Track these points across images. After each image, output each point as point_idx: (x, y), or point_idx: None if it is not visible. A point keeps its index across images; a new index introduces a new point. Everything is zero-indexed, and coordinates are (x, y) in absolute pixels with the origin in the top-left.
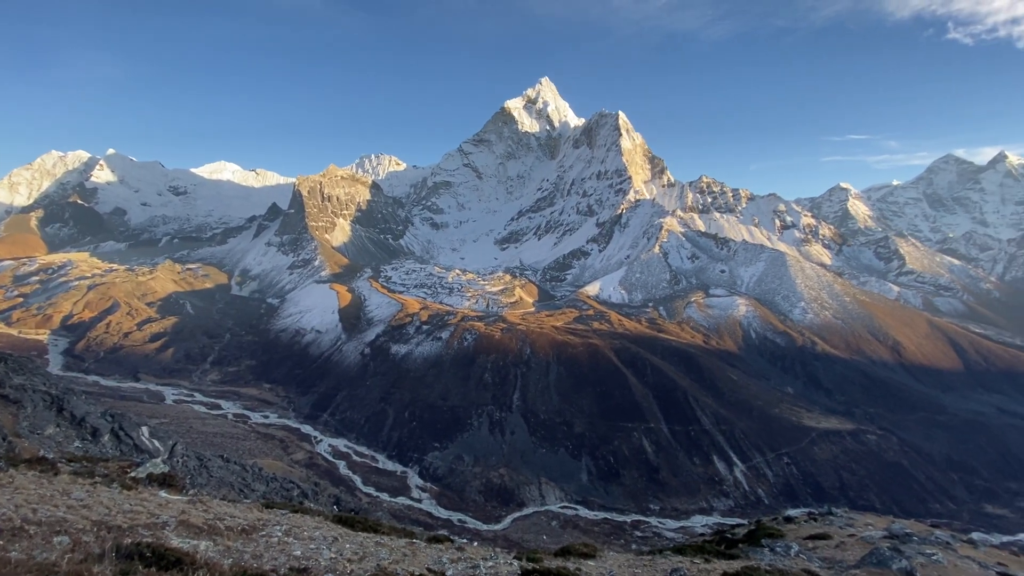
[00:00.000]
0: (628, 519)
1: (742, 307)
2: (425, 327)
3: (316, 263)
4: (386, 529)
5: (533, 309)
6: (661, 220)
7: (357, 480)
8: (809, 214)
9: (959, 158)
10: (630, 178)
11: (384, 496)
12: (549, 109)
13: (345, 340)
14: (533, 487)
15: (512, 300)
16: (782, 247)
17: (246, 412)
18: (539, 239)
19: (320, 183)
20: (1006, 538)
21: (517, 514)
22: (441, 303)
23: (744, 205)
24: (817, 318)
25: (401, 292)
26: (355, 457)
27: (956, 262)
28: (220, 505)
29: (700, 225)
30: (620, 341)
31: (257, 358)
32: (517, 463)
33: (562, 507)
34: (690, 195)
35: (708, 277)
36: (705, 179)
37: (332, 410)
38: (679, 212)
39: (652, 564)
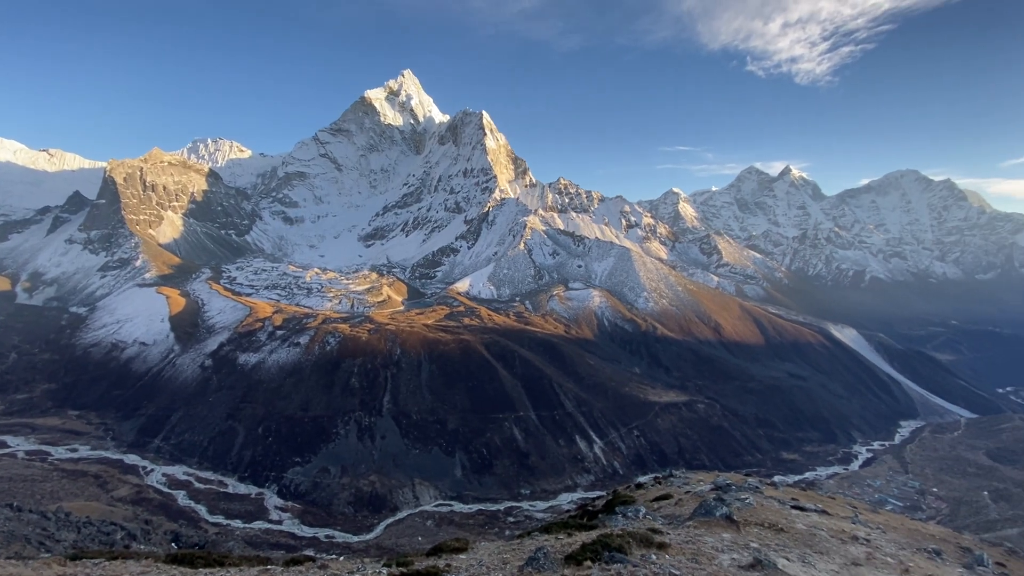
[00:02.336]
0: (501, 507)
1: (597, 298)
2: (280, 332)
3: (138, 263)
4: (235, 560)
5: (403, 308)
6: (525, 219)
7: (202, 510)
8: (649, 215)
9: (758, 170)
10: (496, 177)
11: (236, 523)
12: (413, 103)
13: (179, 352)
14: (407, 490)
15: (380, 299)
16: (628, 244)
17: (45, 448)
18: (407, 235)
19: (141, 169)
20: (797, 477)
21: (390, 520)
22: (299, 305)
23: (596, 206)
24: (657, 306)
25: (249, 294)
26: (198, 484)
27: (758, 256)
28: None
29: (559, 224)
30: (490, 335)
31: (58, 380)
32: (389, 468)
33: (437, 505)
34: (550, 195)
35: (567, 272)
36: (563, 181)
37: (165, 434)
38: (541, 211)
39: (520, 547)
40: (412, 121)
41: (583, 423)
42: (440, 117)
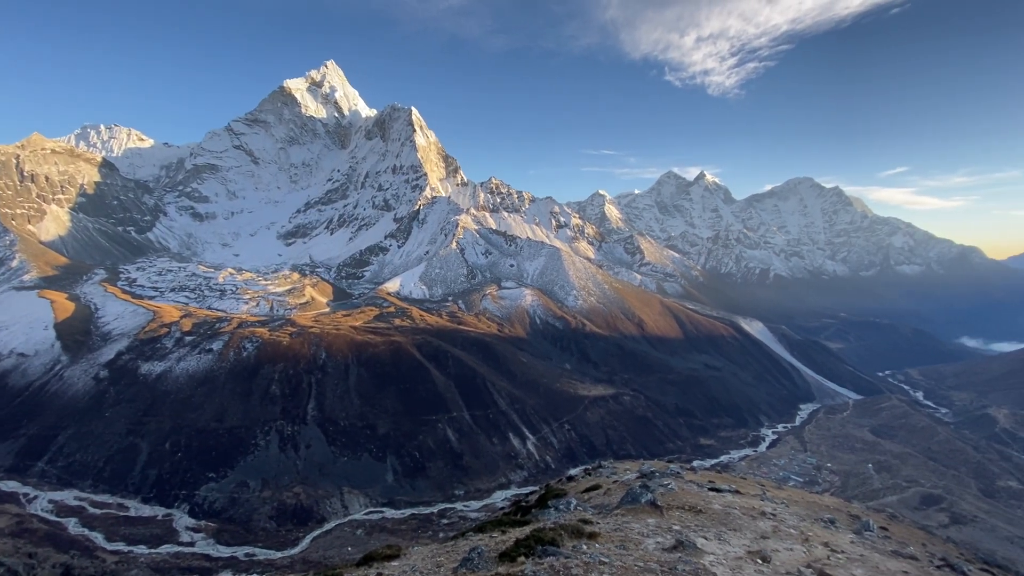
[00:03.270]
0: (435, 510)
1: (528, 297)
2: (189, 338)
3: (14, 264)
4: None
5: (328, 310)
6: (457, 218)
7: (98, 537)
8: (577, 215)
9: (676, 174)
10: (426, 175)
11: (140, 549)
12: (337, 95)
13: (67, 363)
14: (335, 499)
15: (302, 301)
16: (558, 244)
17: None
18: (332, 234)
19: (17, 157)
20: (713, 461)
21: (317, 532)
22: (211, 309)
23: (527, 206)
24: (586, 304)
25: (153, 298)
26: (92, 510)
27: (677, 255)
28: None
29: (491, 223)
30: (422, 336)
31: None
32: (315, 478)
33: (367, 513)
34: (482, 195)
35: (500, 271)
36: (494, 180)
37: (52, 456)
38: (473, 210)
39: (454, 548)
40: (336, 114)
41: (516, 420)
42: (367, 111)
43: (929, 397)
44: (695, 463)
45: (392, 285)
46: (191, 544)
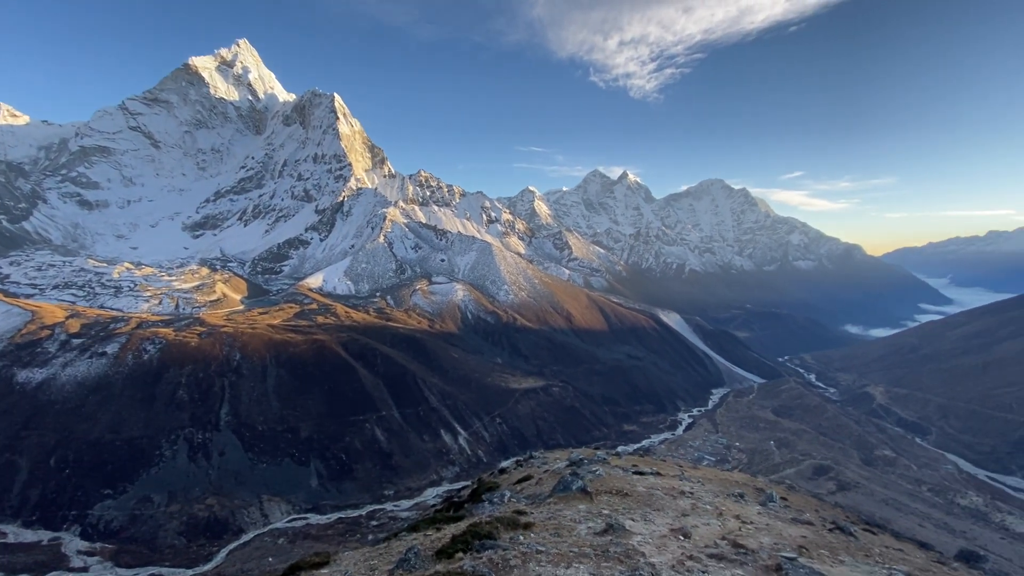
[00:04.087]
0: (363, 512)
1: (460, 292)
2: (77, 341)
3: None
4: None
5: (242, 307)
6: (384, 210)
7: None
8: (508, 211)
9: (602, 173)
10: (350, 165)
11: None
12: (251, 76)
13: None
14: (253, 508)
15: (212, 298)
16: (489, 239)
17: None
18: (245, 225)
19: None
20: (636, 446)
21: (234, 544)
22: (104, 308)
23: (458, 200)
24: (516, 298)
25: (31, 296)
26: None
27: (602, 251)
28: None
29: (421, 217)
30: (348, 334)
31: None
32: (231, 487)
33: (290, 521)
34: (410, 187)
35: (430, 266)
36: (423, 173)
37: None
38: (402, 203)
39: (388, 550)
40: (250, 97)
41: (448, 416)
42: (285, 96)
43: (820, 379)
44: (620, 449)
45: (314, 280)
46: (84, 569)
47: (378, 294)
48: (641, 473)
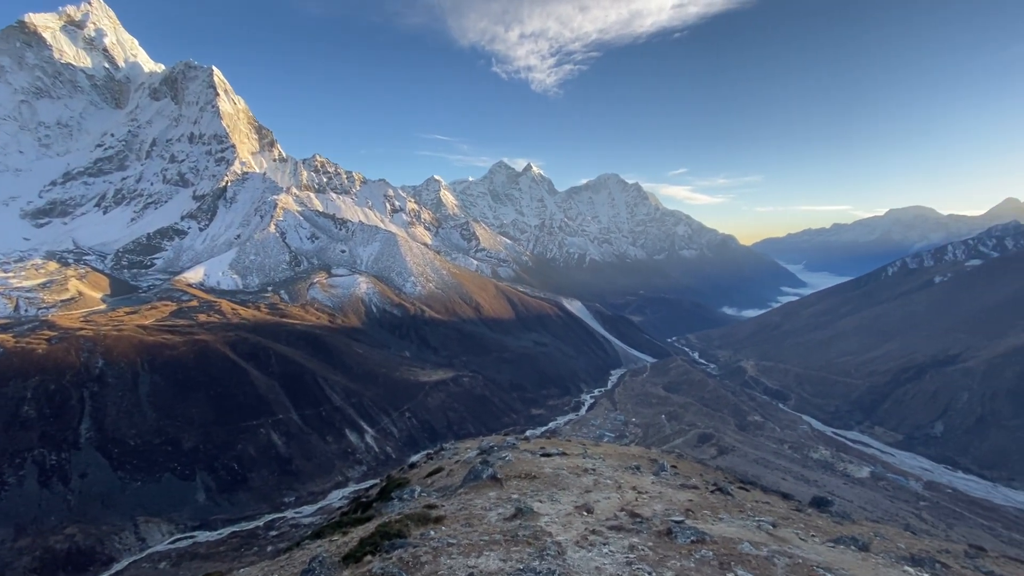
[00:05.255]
0: (261, 523)
1: (363, 284)
2: None
3: None
4: None
5: (104, 307)
6: (275, 197)
7: None
8: (413, 200)
9: (507, 164)
10: (234, 147)
11: None
12: (107, 41)
13: None
14: (126, 533)
15: (65, 297)
16: (393, 228)
17: None
18: (105, 213)
19: None
20: (543, 428)
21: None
22: None
23: (358, 188)
24: (424, 290)
25: None
26: None
27: (508, 241)
28: None
29: (318, 205)
30: (237, 333)
31: None
32: (96, 512)
33: (173, 541)
34: (304, 173)
35: (329, 257)
36: (319, 158)
37: None
38: (295, 190)
39: (289, 561)
40: (107, 65)
41: (353, 415)
42: (151, 65)
43: (702, 356)
44: (528, 433)
45: (194, 275)
46: None
47: (270, 288)
48: (548, 455)
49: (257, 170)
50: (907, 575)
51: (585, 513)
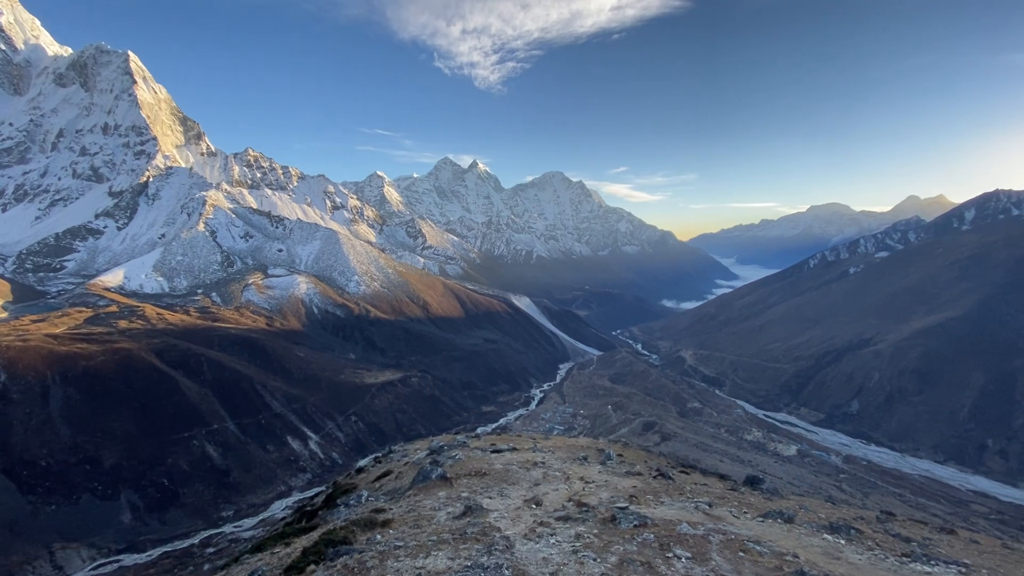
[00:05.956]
0: (196, 540)
1: (303, 285)
2: None
3: None
4: None
5: (6, 315)
6: (204, 194)
7: None
8: (355, 197)
9: (452, 161)
10: (155, 139)
11: None
12: (3, 20)
13: None
14: (41, 562)
15: None
16: (335, 226)
17: None
18: (4, 210)
19: None
20: (494, 425)
21: None
22: None
23: (296, 184)
24: (369, 289)
25: None
26: None
27: (456, 238)
28: None
29: (252, 202)
30: (164, 339)
31: None
32: (4, 542)
33: (95, 568)
34: (236, 168)
35: (266, 257)
36: (252, 152)
37: None
38: (226, 186)
39: None
40: (3, 47)
41: (295, 421)
42: (56, 48)
43: (645, 347)
44: (479, 430)
45: (112, 278)
46: None
47: (200, 291)
48: (499, 451)
49: (183, 164)
50: (826, 542)
51: (534, 506)
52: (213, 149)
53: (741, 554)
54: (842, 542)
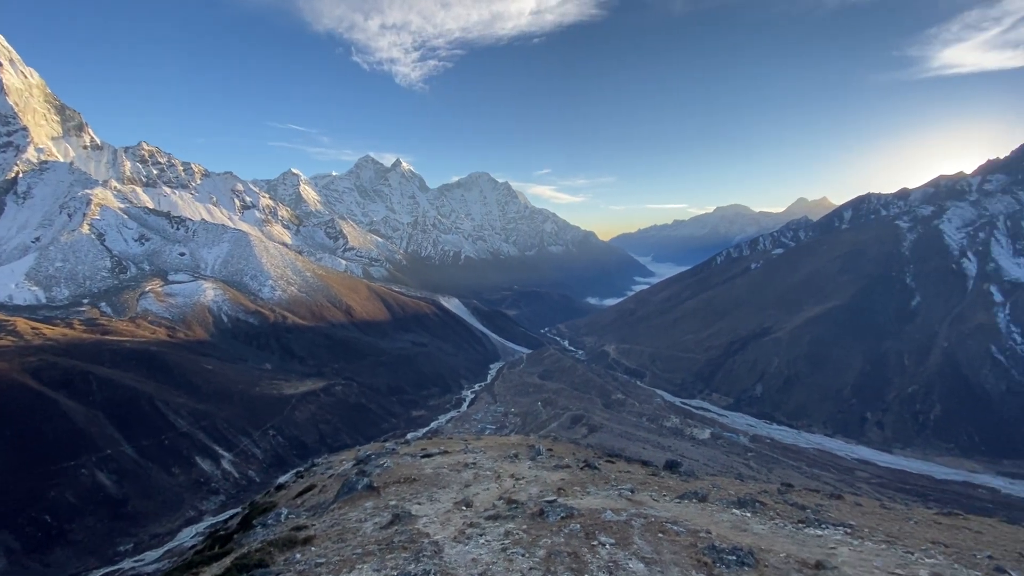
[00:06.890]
0: None
1: (210, 291)
2: None
3: None
4: None
5: None
6: (89, 192)
7: None
8: (267, 196)
9: (374, 159)
10: (26, 129)
11: None
12: None
13: None
14: None
15: None
16: (245, 227)
17: None
18: None
19: None
20: (425, 429)
21: None
22: None
23: (199, 182)
24: (285, 294)
25: None
26: None
27: (380, 239)
28: None
29: (147, 201)
30: (40, 357)
31: None
32: None
33: None
34: (128, 164)
35: (165, 261)
36: (146, 146)
37: None
38: (115, 183)
39: None
40: None
41: (204, 440)
42: None
43: (572, 344)
44: (410, 435)
45: None
46: None
47: (86, 301)
48: (429, 455)
49: (61, 159)
50: (735, 516)
51: (464, 508)
52: (99, 142)
53: (660, 535)
54: (748, 515)
